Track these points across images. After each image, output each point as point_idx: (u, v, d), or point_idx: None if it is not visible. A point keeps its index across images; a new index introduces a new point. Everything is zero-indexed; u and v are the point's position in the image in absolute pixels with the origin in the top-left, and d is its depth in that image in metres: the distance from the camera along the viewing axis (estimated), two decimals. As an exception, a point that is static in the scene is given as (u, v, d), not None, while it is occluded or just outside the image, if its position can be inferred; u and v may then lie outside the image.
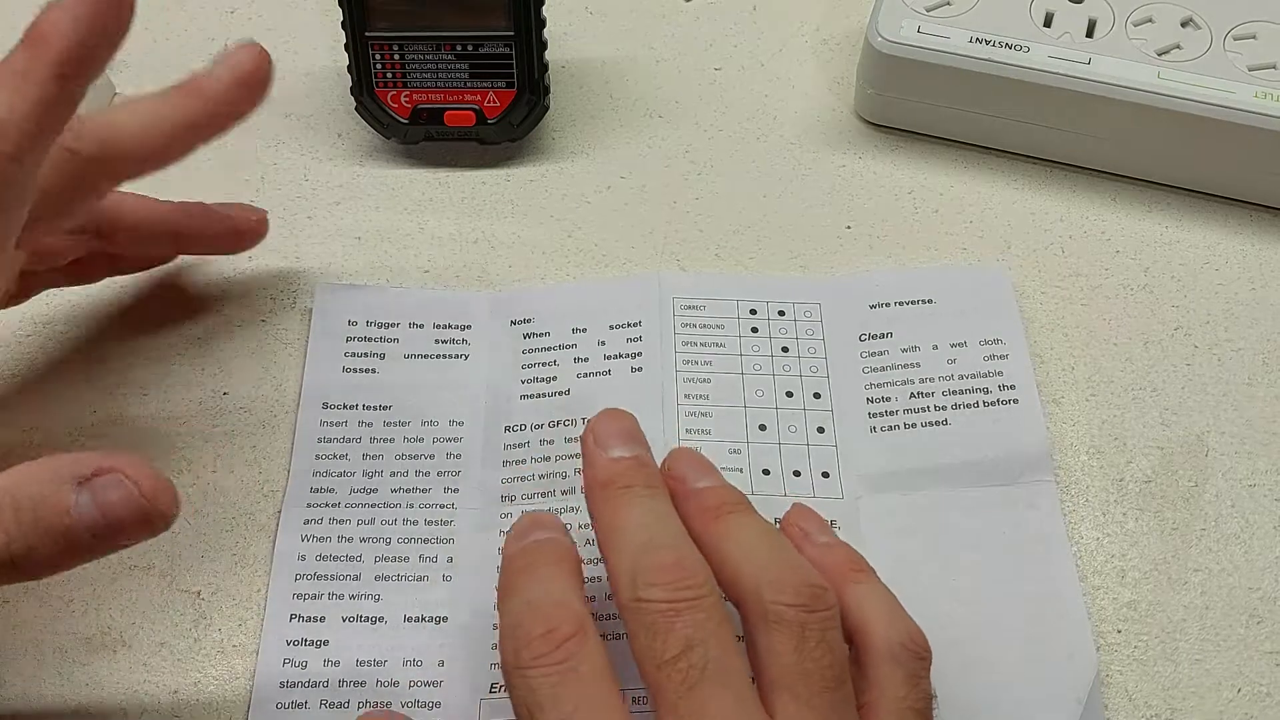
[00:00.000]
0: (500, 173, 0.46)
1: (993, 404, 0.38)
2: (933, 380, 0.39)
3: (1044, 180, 0.45)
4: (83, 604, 0.36)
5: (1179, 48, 0.43)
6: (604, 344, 0.40)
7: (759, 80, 0.49)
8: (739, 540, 0.31)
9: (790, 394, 0.39)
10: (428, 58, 0.43)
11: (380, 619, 0.35)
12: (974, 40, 0.43)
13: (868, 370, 0.40)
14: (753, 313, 0.41)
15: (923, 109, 0.45)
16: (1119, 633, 0.35)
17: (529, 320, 0.41)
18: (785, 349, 0.40)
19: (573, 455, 0.37)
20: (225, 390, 0.40)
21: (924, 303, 0.41)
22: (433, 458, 0.38)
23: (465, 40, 0.43)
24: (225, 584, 0.36)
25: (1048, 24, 0.43)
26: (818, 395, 0.39)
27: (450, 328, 0.41)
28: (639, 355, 0.40)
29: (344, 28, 0.43)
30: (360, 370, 0.40)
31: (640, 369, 0.39)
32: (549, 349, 0.40)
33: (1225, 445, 0.38)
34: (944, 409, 0.38)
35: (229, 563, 0.36)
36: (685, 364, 0.39)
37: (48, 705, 0.34)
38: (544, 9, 0.43)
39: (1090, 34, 0.43)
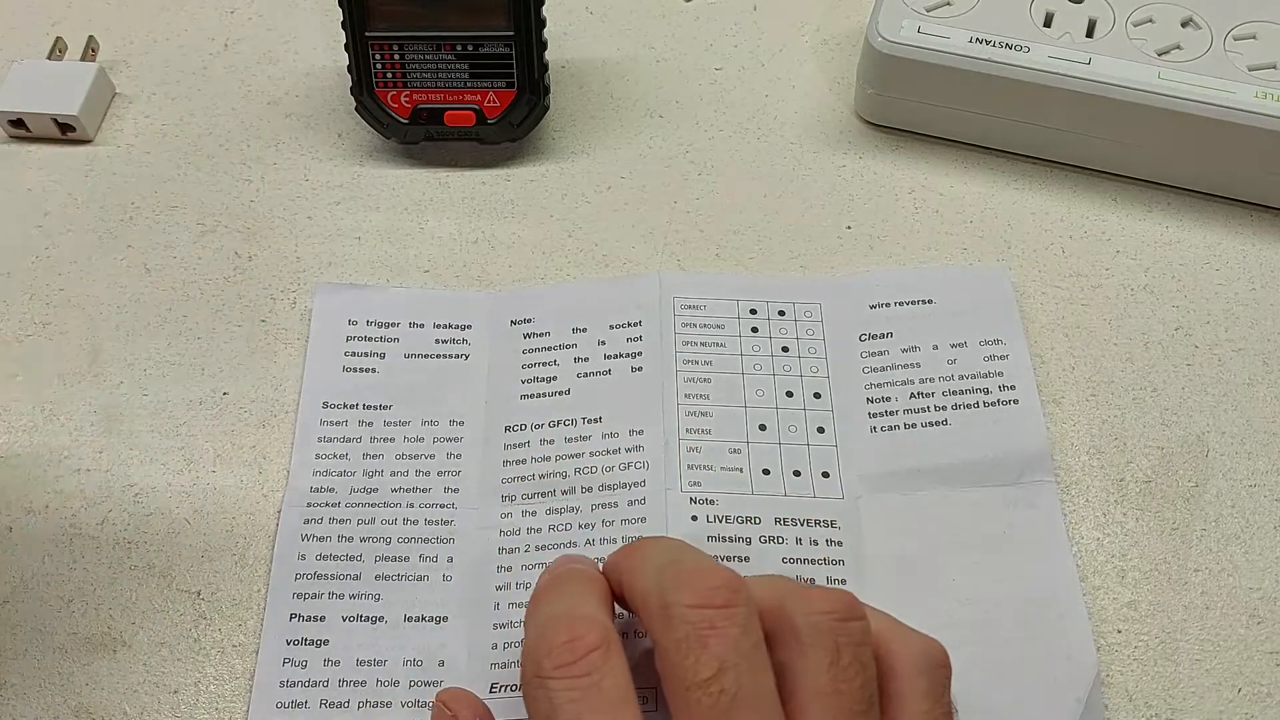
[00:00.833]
0: (500, 173, 0.46)
1: (993, 404, 0.38)
2: (933, 380, 0.39)
3: (1044, 180, 0.45)
4: (83, 604, 0.36)
5: (1179, 48, 0.43)
6: (604, 343, 0.40)
7: (759, 80, 0.49)
8: (754, 577, 0.30)
9: (790, 394, 0.39)
10: (428, 58, 0.43)
11: (380, 618, 0.35)
12: (974, 40, 0.43)
13: (868, 370, 0.40)
14: (753, 312, 0.41)
15: (923, 109, 0.45)
16: (1119, 633, 0.35)
17: (529, 320, 0.41)
18: (785, 349, 0.40)
19: (573, 455, 0.37)
20: (225, 390, 0.40)
21: (924, 303, 0.41)
22: (433, 457, 0.38)
23: (465, 40, 0.43)
24: (225, 584, 0.36)
25: (1048, 24, 0.43)
26: (818, 395, 0.39)
27: (450, 327, 0.41)
28: (639, 355, 0.40)
29: (344, 28, 0.43)
30: (360, 370, 0.40)
31: (640, 368, 0.39)
32: (549, 349, 0.40)
33: (1225, 445, 0.38)
34: (944, 409, 0.38)
35: (229, 563, 0.36)
36: (685, 364, 0.39)
37: (48, 705, 0.34)
38: (544, 9, 0.43)
39: (1090, 34, 0.43)
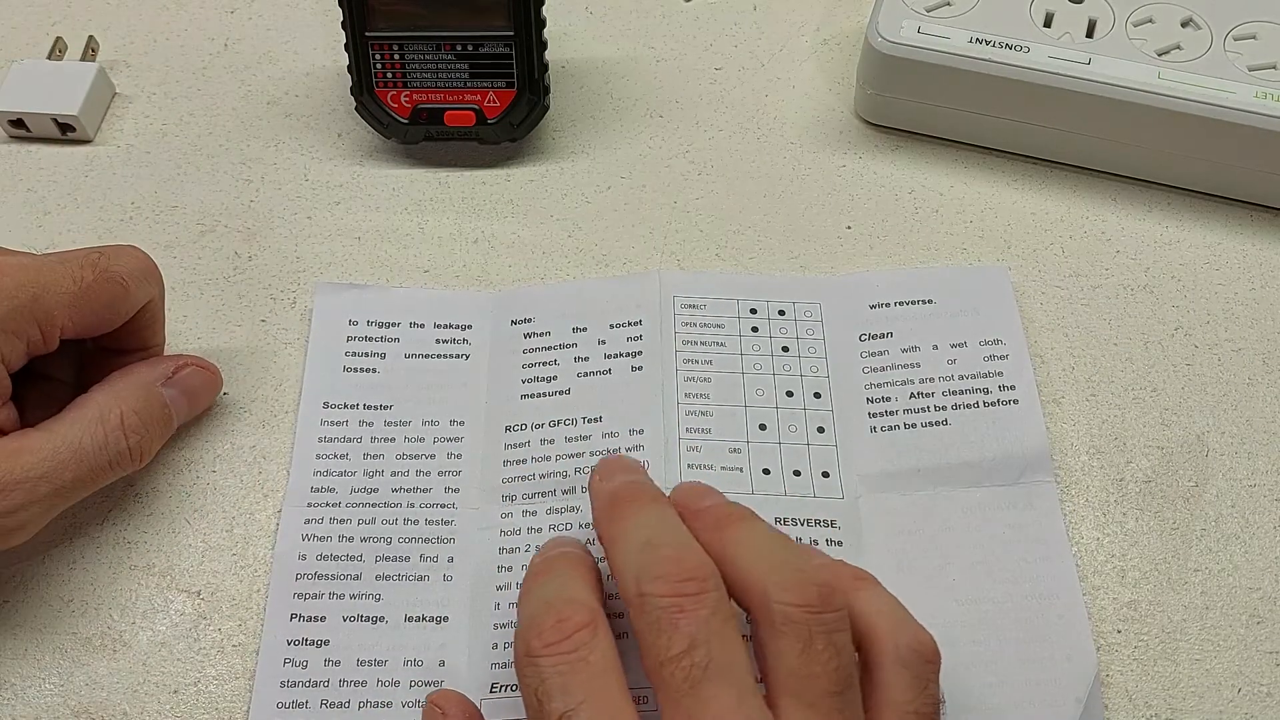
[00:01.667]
0: (500, 173, 0.46)
1: (993, 404, 0.38)
2: (933, 380, 0.39)
3: (1044, 180, 0.45)
4: (82, 604, 0.36)
5: (1179, 48, 0.43)
6: (604, 343, 0.40)
7: (759, 80, 0.49)
8: (747, 544, 0.31)
9: (790, 393, 0.39)
10: (428, 58, 0.43)
11: (381, 618, 0.35)
12: (974, 40, 0.43)
13: (868, 370, 0.40)
14: (753, 312, 0.41)
15: (923, 109, 0.45)
16: (1119, 633, 0.35)
17: (529, 320, 0.41)
18: (785, 348, 0.40)
19: (573, 455, 0.38)
20: (225, 390, 0.40)
21: (924, 303, 0.41)
22: (433, 457, 0.38)
23: (465, 40, 0.43)
24: (225, 584, 0.36)
25: (1048, 24, 0.44)
26: (818, 395, 0.39)
27: (451, 327, 0.41)
28: (639, 354, 0.40)
29: (344, 28, 0.43)
30: (361, 370, 0.40)
31: (640, 368, 0.39)
32: (549, 348, 0.40)
33: (1225, 445, 0.38)
34: (944, 409, 0.38)
35: (229, 563, 0.36)
36: (685, 363, 0.39)
37: (48, 705, 0.34)
38: (544, 9, 0.43)
39: (1090, 34, 0.43)
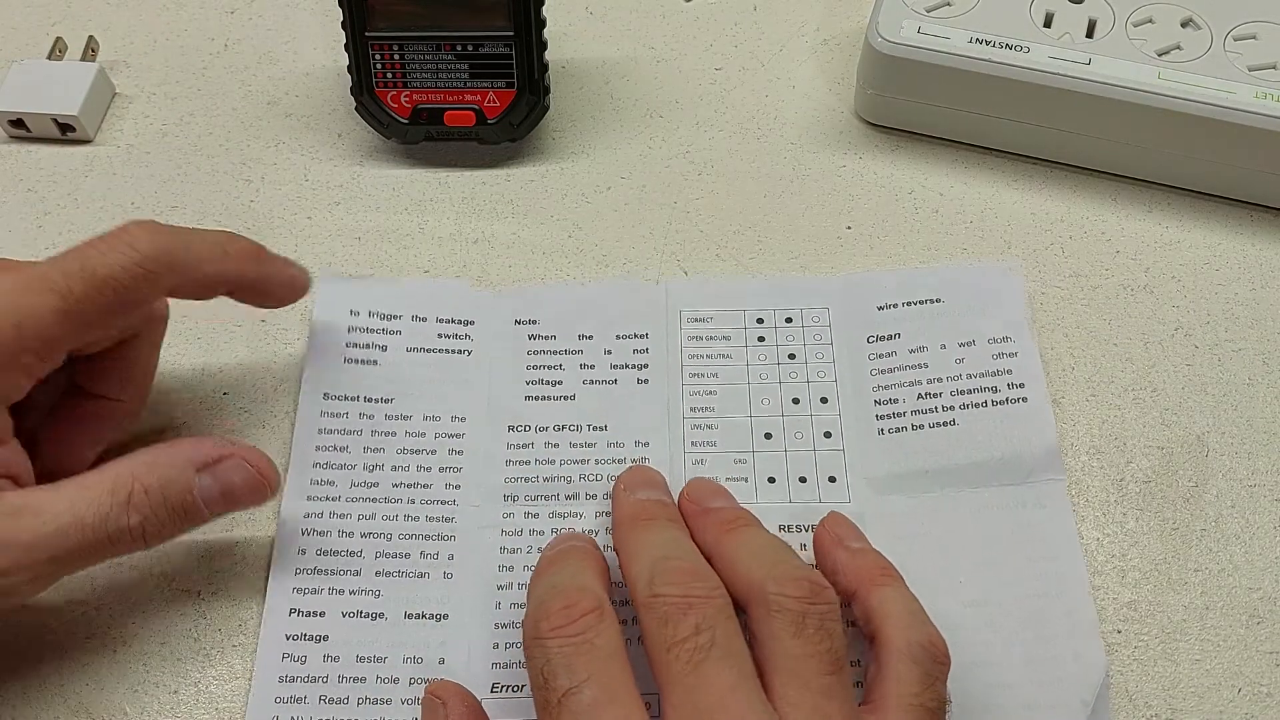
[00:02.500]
0: (500, 173, 0.46)
1: (1001, 403, 0.38)
2: (940, 380, 0.39)
3: (1044, 180, 0.45)
4: (83, 604, 0.36)
5: (1179, 48, 0.43)
6: (610, 352, 0.40)
7: (759, 80, 0.49)
8: (748, 547, 0.33)
9: (797, 400, 0.39)
10: (428, 58, 0.43)
11: (380, 615, 0.35)
12: (974, 40, 0.43)
13: (875, 372, 0.39)
14: (760, 321, 0.41)
15: (923, 109, 0.45)
16: (1119, 633, 0.35)
17: (534, 321, 0.41)
18: (792, 355, 0.40)
19: (578, 461, 0.38)
20: (225, 390, 0.40)
21: (932, 302, 0.41)
22: (434, 453, 0.38)
23: (465, 40, 0.43)
24: (225, 584, 0.36)
25: (1048, 24, 0.44)
26: (825, 400, 0.39)
27: (453, 322, 0.41)
28: (645, 367, 0.40)
29: (344, 28, 0.43)
30: (362, 361, 0.40)
31: (646, 381, 0.39)
32: (554, 352, 0.40)
33: (1225, 445, 0.38)
34: (951, 409, 0.38)
35: (229, 562, 0.36)
36: (692, 376, 0.39)
37: (48, 705, 0.34)
38: (544, 9, 0.43)
39: (1090, 34, 0.43)
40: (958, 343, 0.39)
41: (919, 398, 0.39)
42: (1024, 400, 0.38)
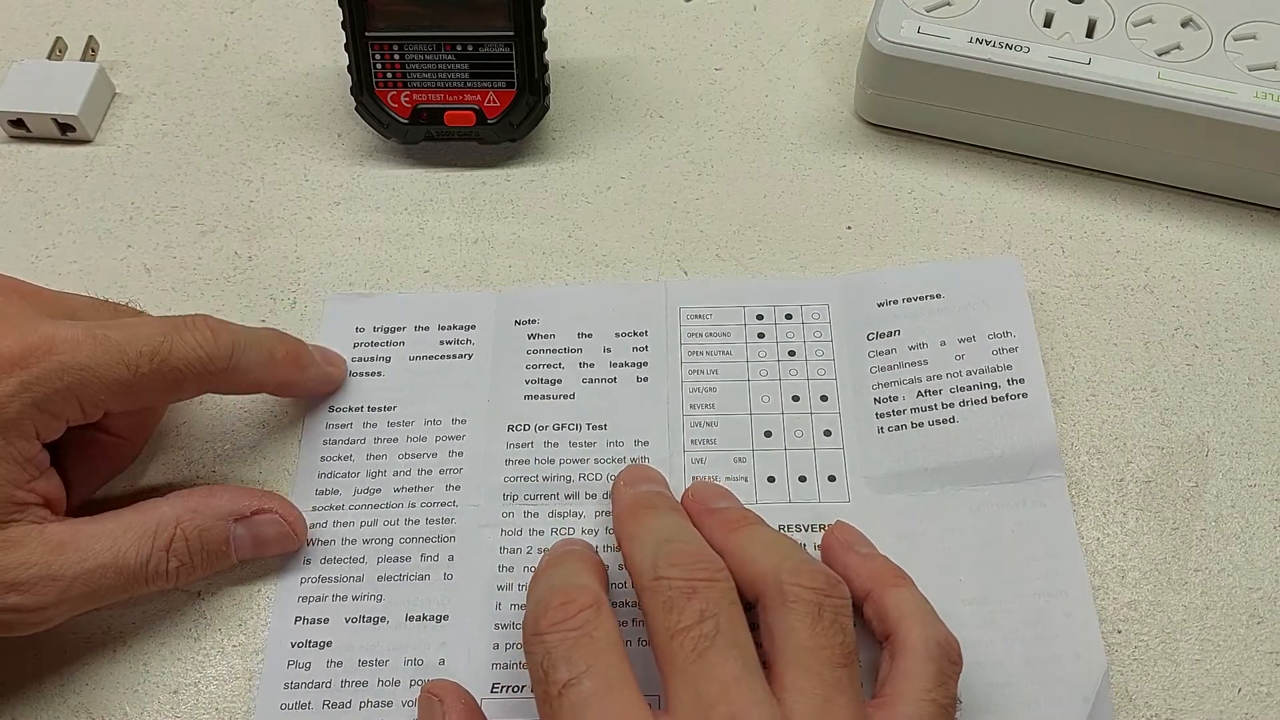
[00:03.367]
0: (500, 173, 0.46)
1: (1001, 399, 0.38)
2: (940, 377, 0.39)
3: (1044, 180, 0.45)
4: (83, 604, 0.36)
5: (1179, 48, 0.43)
6: (610, 351, 0.40)
7: (759, 80, 0.49)
8: (760, 543, 0.33)
9: (797, 398, 0.39)
10: (428, 58, 0.43)
11: (382, 619, 0.35)
12: (974, 40, 0.43)
13: (875, 370, 0.39)
14: (759, 318, 0.41)
15: (923, 109, 0.45)
16: (1119, 633, 0.35)
17: (534, 321, 0.41)
18: (792, 353, 0.40)
19: (578, 460, 0.38)
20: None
21: (933, 298, 0.40)
22: (435, 456, 0.38)
23: (465, 40, 0.43)
24: (225, 584, 0.36)
25: (1048, 24, 0.44)
26: (824, 398, 0.39)
27: (455, 329, 0.41)
28: (644, 365, 0.40)
29: (344, 28, 0.43)
30: (366, 374, 0.40)
31: (646, 379, 0.39)
32: (554, 351, 0.40)
33: (1225, 445, 0.38)
34: (951, 406, 0.38)
35: (229, 563, 0.37)
36: (691, 374, 0.39)
37: (48, 705, 0.34)
38: (544, 9, 0.43)
39: (1090, 34, 0.43)
40: (958, 339, 0.39)
41: (919, 395, 0.38)
42: (1024, 396, 0.38)
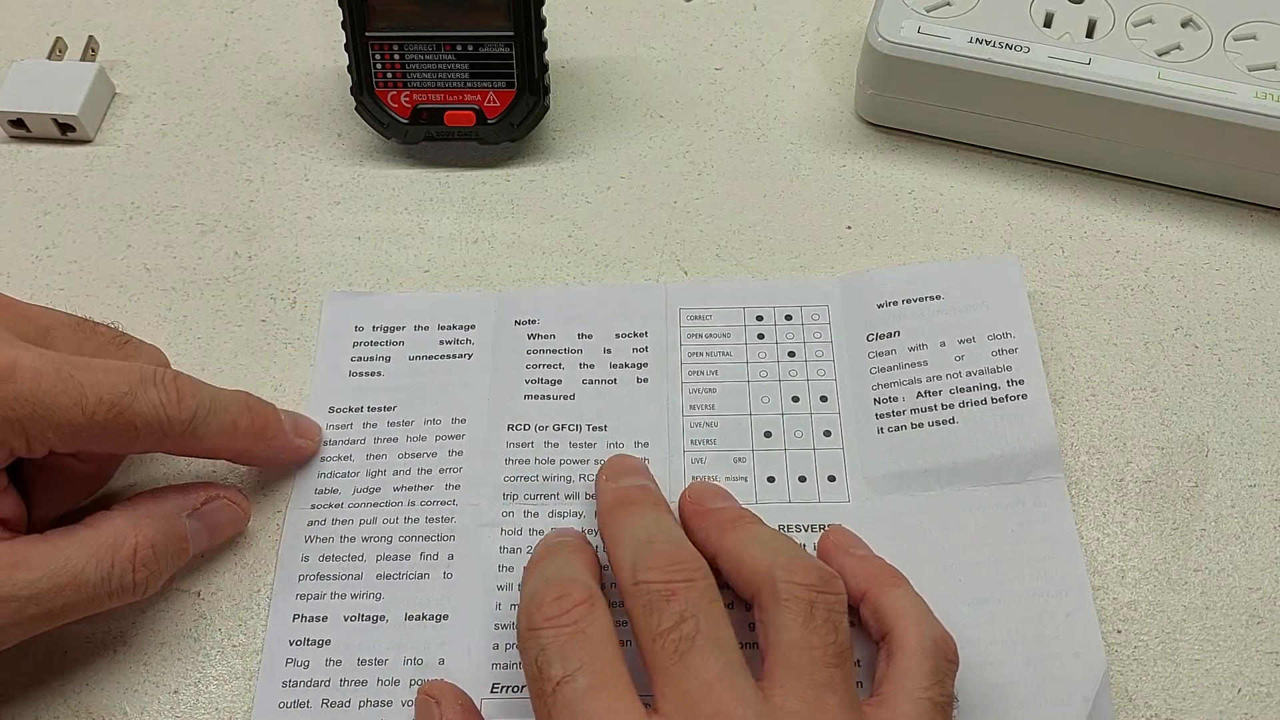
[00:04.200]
0: (500, 173, 0.46)
1: (1001, 400, 0.38)
2: (940, 378, 0.39)
3: (1044, 180, 0.45)
4: (83, 604, 0.36)
5: (1179, 48, 0.43)
6: (610, 351, 0.40)
7: (759, 80, 0.49)
8: (757, 540, 0.33)
9: (796, 399, 0.39)
10: (428, 58, 0.43)
11: (381, 618, 0.35)
12: (974, 40, 0.43)
13: (875, 371, 0.39)
14: (759, 319, 0.41)
15: (923, 109, 0.45)
16: (1119, 633, 0.35)
17: (534, 321, 0.41)
18: (792, 353, 0.40)
19: (578, 460, 0.38)
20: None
21: (933, 299, 0.40)
22: (435, 455, 0.38)
23: (465, 40, 0.43)
24: (225, 584, 0.36)
25: (1048, 24, 0.44)
26: (824, 399, 0.39)
27: (455, 328, 0.41)
28: (645, 366, 0.40)
29: (344, 28, 0.43)
30: (366, 374, 0.40)
31: (646, 380, 0.39)
32: (554, 351, 0.40)
33: (1225, 445, 0.38)
34: (950, 407, 0.38)
35: (229, 563, 0.36)
36: (691, 375, 0.39)
37: (48, 705, 0.34)
38: (544, 9, 0.43)
39: (1090, 34, 0.43)
40: (958, 339, 0.39)
41: (919, 396, 0.38)
42: (1023, 397, 0.38)
